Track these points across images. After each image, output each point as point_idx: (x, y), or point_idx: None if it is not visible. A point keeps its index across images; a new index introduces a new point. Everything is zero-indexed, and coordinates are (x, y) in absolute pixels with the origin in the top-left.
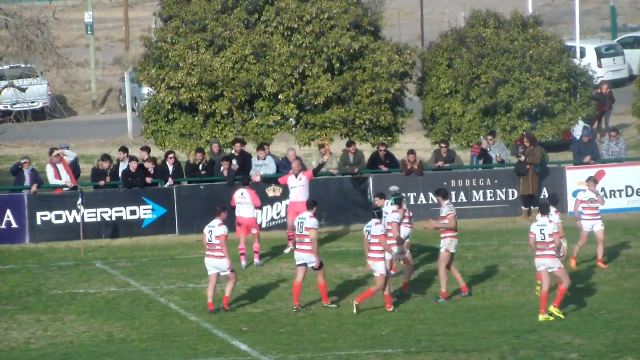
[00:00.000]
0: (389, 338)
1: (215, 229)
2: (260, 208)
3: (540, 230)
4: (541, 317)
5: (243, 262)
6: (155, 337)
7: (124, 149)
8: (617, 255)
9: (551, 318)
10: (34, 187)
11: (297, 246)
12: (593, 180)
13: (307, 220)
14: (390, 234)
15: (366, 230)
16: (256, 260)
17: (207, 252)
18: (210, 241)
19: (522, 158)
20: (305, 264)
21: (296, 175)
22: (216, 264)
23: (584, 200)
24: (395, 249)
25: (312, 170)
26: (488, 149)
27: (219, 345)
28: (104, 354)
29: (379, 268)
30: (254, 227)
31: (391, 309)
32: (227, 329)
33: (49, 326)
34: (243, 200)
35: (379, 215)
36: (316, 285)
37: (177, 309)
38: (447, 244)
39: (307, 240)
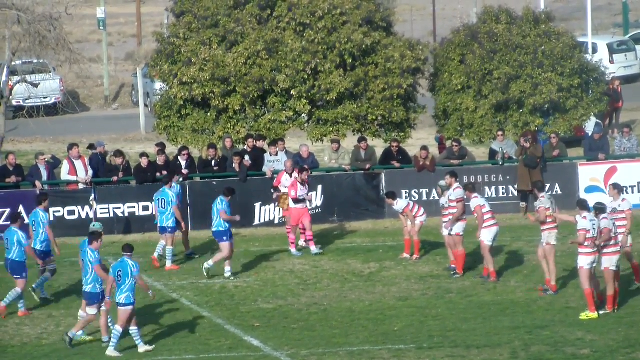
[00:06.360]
0: (401, 334)
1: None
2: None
3: (593, 225)
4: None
5: (292, 250)
6: (167, 333)
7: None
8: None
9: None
10: (38, 184)
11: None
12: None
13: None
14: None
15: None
16: (292, 249)
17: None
18: None
19: (527, 145)
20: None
21: (290, 175)
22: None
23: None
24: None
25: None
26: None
27: (231, 341)
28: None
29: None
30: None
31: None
32: (239, 325)
33: (61, 322)
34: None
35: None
36: (328, 280)
37: (189, 305)
38: (546, 236)
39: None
